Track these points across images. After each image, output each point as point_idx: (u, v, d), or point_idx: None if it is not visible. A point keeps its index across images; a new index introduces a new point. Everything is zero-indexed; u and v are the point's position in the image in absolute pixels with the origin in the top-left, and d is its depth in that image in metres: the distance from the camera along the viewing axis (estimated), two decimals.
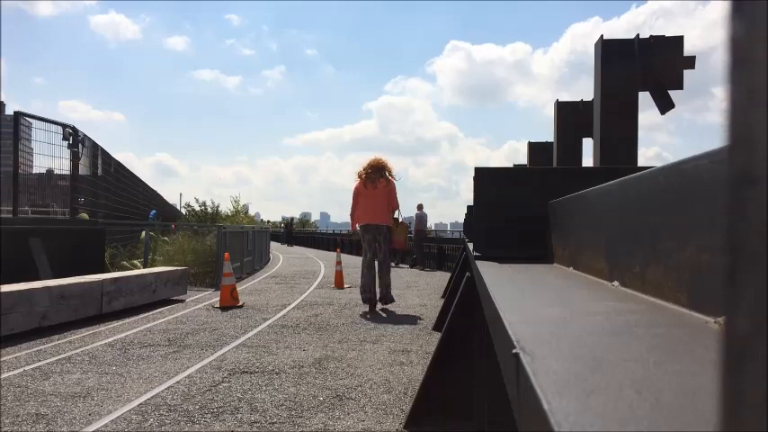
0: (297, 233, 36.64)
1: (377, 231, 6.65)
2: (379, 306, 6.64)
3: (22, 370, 3.81)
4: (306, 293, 8.36)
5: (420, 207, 14.51)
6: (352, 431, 2.74)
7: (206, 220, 25.12)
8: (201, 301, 7.51)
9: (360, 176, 6.70)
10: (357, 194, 6.69)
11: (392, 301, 6.76)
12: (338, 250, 11.82)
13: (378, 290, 6.64)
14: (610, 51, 6.87)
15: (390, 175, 6.72)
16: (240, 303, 6.99)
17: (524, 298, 1.23)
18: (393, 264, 12.05)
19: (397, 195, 6.77)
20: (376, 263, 6.68)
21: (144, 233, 10.93)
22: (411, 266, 14.30)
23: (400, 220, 8.90)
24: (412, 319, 6.03)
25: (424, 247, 14.70)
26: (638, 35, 6.84)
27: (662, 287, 0.99)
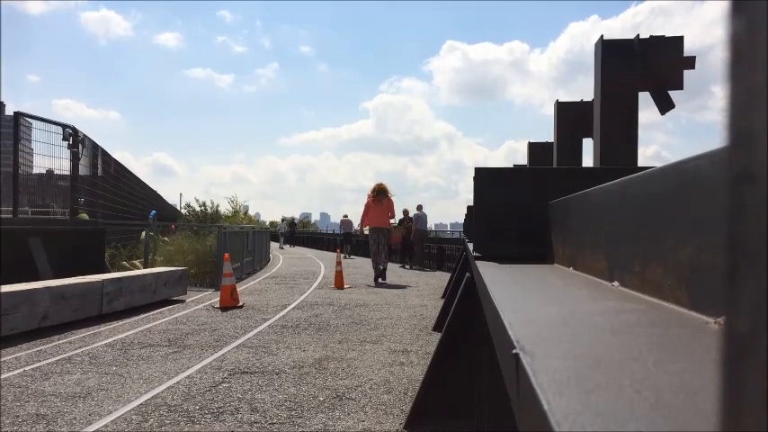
0: (297, 233, 36.55)
1: (381, 232, 10.08)
2: (380, 281, 10.05)
3: (22, 370, 3.81)
4: (306, 294, 8.36)
5: (419, 207, 14.52)
6: (352, 431, 2.74)
7: (206, 220, 25.09)
8: (201, 301, 7.51)
9: (369, 196, 10.11)
10: (368, 208, 10.10)
11: (384, 279, 10.08)
12: (338, 250, 11.82)
13: (380, 269, 10.08)
14: (610, 51, 6.86)
15: (389, 194, 10.24)
16: (240, 304, 6.99)
17: (524, 298, 1.23)
18: (401, 266, 15.08)
19: (394, 200, 10.40)
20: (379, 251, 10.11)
21: (144, 233, 10.92)
22: (410, 267, 14.31)
23: (396, 224, 13.39)
24: (412, 319, 6.03)
25: (424, 247, 14.70)
26: (638, 35, 6.83)
27: (662, 287, 0.99)
